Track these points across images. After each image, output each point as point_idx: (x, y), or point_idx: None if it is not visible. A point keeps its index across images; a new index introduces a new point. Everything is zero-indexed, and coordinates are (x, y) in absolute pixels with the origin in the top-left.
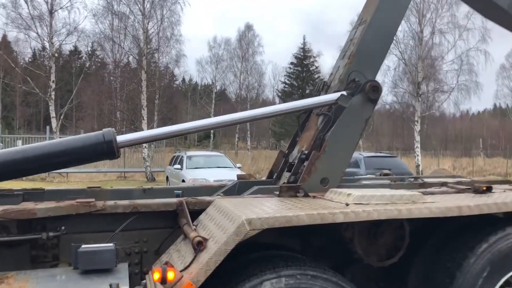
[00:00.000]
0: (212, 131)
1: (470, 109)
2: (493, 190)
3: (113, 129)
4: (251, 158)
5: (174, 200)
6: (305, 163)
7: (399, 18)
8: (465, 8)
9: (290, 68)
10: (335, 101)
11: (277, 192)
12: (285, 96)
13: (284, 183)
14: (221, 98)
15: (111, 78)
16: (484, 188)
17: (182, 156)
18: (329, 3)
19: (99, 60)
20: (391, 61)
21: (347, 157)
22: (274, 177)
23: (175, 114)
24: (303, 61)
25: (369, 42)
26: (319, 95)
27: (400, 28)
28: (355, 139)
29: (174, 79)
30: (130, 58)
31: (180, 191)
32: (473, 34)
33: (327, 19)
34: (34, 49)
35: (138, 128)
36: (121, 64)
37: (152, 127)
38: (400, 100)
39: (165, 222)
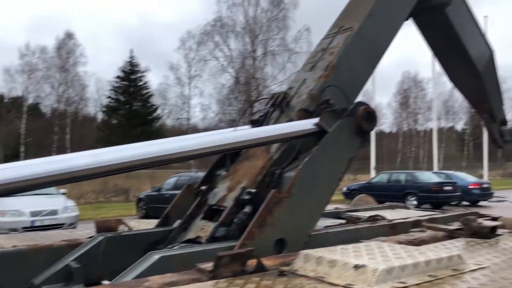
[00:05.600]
0: (22, 147)
1: None
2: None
3: None
4: None
5: None
6: (247, 209)
7: (393, 31)
8: (293, 32)
9: (116, 82)
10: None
11: (207, 266)
12: (110, 111)
13: (198, 238)
14: (33, 112)
15: None
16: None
17: None
18: (152, 22)
19: None
20: (225, 79)
21: (320, 210)
22: (174, 225)
23: None
24: (130, 76)
25: (355, 53)
26: (272, 110)
27: (233, 47)
28: (334, 182)
29: None
30: None
31: None
32: (301, 57)
33: (151, 38)
34: None
35: None
36: None
37: None
38: (235, 118)
39: None
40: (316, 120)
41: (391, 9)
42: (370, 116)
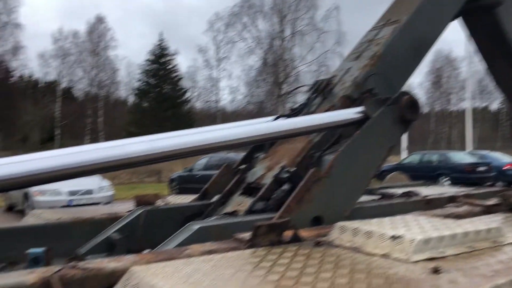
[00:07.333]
0: (57, 130)
1: None
2: None
3: None
4: None
5: (26, 277)
6: (285, 187)
7: (441, 26)
8: (322, 11)
9: (147, 65)
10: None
11: (245, 236)
12: (142, 94)
13: (235, 212)
14: (67, 96)
15: None
16: None
17: None
18: (179, 6)
19: None
20: (253, 61)
21: (357, 194)
22: (213, 200)
23: (13, 114)
24: (160, 59)
25: (401, 45)
26: (314, 97)
27: (262, 27)
28: (372, 168)
29: (9, 74)
30: None
31: (41, 250)
32: (330, 36)
33: (179, 21)
34: None
35: None
36: None
37: None
38: (263, 100)
39: None
40: (359, 109)
41: (440, 6)
42: (414, 105)
